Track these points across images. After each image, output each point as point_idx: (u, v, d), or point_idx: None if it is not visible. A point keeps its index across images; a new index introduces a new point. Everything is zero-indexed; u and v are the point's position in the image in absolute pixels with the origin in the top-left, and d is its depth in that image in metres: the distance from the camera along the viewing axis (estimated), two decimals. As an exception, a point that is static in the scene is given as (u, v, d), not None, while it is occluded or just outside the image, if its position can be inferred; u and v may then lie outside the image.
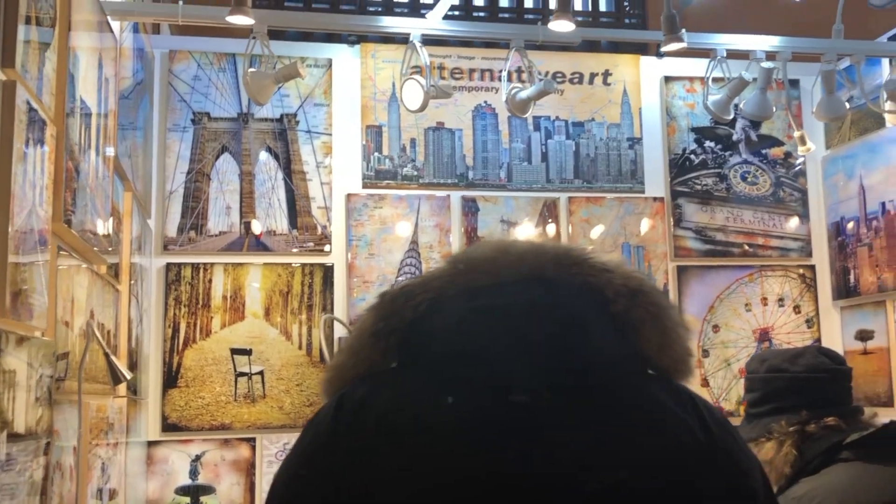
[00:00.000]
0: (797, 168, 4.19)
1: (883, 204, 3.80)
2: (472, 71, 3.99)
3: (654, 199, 4.08)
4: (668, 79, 4.15)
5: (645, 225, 4.05)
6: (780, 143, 4.20)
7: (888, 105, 3.05)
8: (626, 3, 6.23)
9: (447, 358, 0.88)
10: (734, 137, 4.16)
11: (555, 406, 0.85)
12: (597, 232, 4.01)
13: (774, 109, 3.14)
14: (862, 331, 3.96)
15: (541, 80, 2.81)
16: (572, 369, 0.87)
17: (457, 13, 5.01)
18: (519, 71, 3.79)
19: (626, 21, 6.20)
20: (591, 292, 0.94)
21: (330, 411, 0.89)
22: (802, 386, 1.79)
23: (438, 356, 0.89)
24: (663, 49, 2.63)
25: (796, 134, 3.28)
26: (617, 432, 0.86)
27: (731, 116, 2.99)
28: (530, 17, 5.44)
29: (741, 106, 3.11)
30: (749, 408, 1.89)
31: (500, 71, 3.75)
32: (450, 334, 0.89)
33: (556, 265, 0.95)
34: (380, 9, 5.59)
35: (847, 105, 3.04)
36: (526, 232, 3.95)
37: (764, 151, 4.19)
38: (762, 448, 1.79)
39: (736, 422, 1.18)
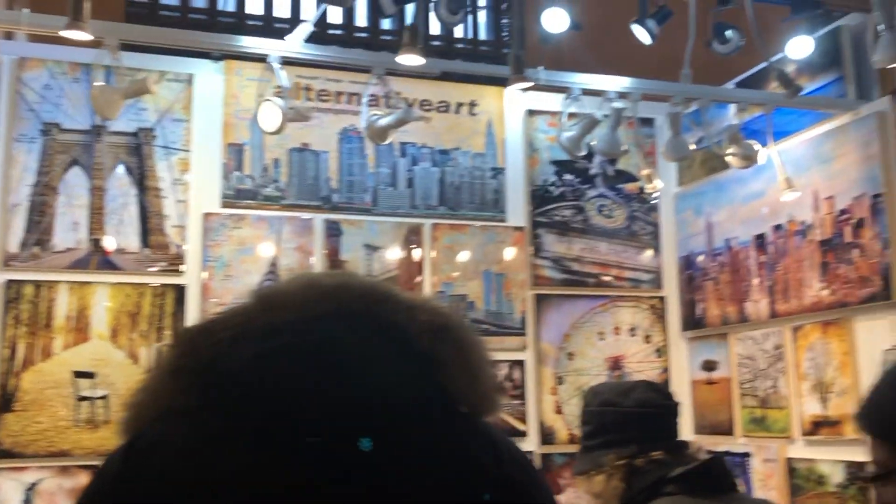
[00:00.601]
0: (651, 203, 4.37)
1: (727, 240, 4.00)
2: (339, 94, 3.97)
3: (515, 228, 4.16)
4: (531, 112, 4.26)
5: (506, 253, 4.13)
6: (635, 179, 4.36)
7: (730, 149, 3.22)
8: (505, 34, 6.36)
9: (242, 400, 0.86)
10: (592, 171, 4.30)
11: (349, 448, 0.84)
12: (460, 258, 4.05)
13: (625, 147, 3.26)
14: (707, 361, 4.15)
15: (401, 108, 2.82)
16: (369, 410, 0.86)
17: (314, 31, 4.97)
18: (387, 96, 3.81)
19: (505, 51, 6.33)
20: (395, 330, 0.94)
21: (120, 454, 0.86)
22: (632, 420, 1.85)
23: (234, 398, 0.87)
24: (508, 87, 2.69)
25: (644, 172, 3.43)
26: (409, 473, 0.86)
27: (584, 153, 3.09)
28: (387, 38, 5.46)
29: (592, 143, 3.21)
30: (583, 440, 1.94)
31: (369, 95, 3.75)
32: (246, 375, 0.87)
33: (362, 302, 0.94)
34: (259, 22, 5.51)
35: (692, 146, 3.19)
36: (392, 256, 3.95)
37: (620, 186, 4.35)
38: (593, 481, 1.84)
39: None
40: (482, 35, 6.25)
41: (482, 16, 5.71)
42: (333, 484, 0.81)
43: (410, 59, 2.38)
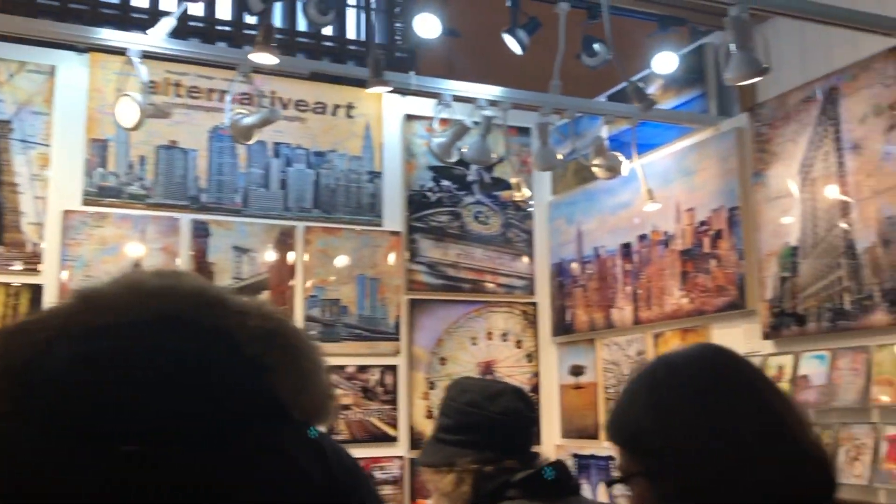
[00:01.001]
0: (526, 211, 4.44)
1: (596, 249, 4.10)
2: (210, 91, 3.87)
3: (392, 232, 4.15)
4: (409, 117, 4.26)
5: (381, 258, 4.11)
6: (510, 187, 4.42)
7: (596, 160, 3.30)
8: (397, 38, 6.31)
9: (56, 406, 0.81)
10: (469, 178, 4.33)
11: (167, 456, 0.80)
12: (334, 262, 4.01)
13: (496, 155, 3.29)
14: (575, 366, 4.24)
15: (265, 107, 2.77)
16: (189, 418, 0.83)
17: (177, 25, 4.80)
18: (257, 95, 3.74)
19: (397, 55, 6.30)
20: (223, 335, 0.91)
21: None
22: (496, 428, 1.85)
23: (47, 403, 0.82)
24: (368, 90, 2.68)
25: (513, 180, 3.47)
26: (227, 482, 0.83)
27: (455, 159, 3.11)
28: (251, 32, 5.32)
29: (464, 150, 3.24)
30: (438, 431, 1.92)
31: (240, 94, 3.67)
32: (61, 379, 0.83)
33: (189, 305, 0.91)
34: (117, 12, 5.28)
35: (560, 156, 3.25)
36: (262, 259, 3.87)
37: (496, 193, 4.40)
38: (443, 478, 1.83)
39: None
40: (353, 35, 6.20)
41: (354, 15, 5.65)
42: (146, 493, 0.78)
43: (264, 58, 2.33)
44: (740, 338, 3.32)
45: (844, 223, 2.88)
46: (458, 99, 3.26)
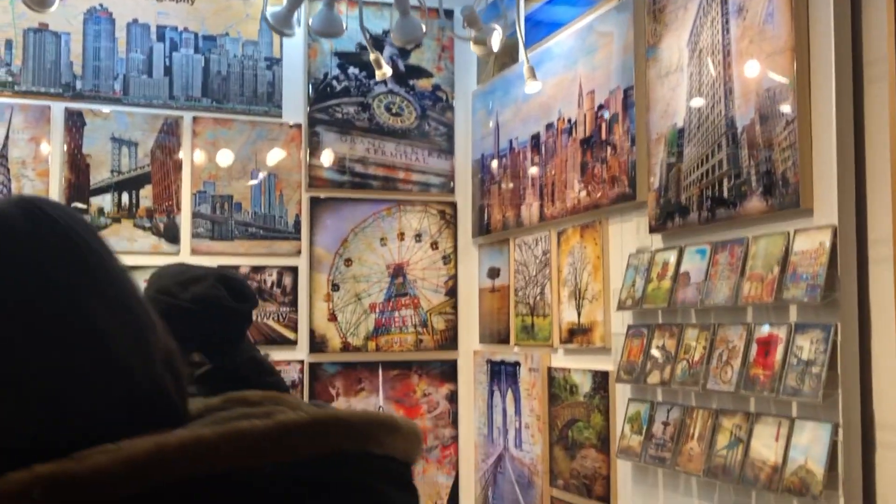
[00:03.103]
0: (446, 102, 4.10)
1: (511, 141, 3.77)
2: (83, -31, 3.58)
3: (291, 125, 3.87)
4: (311, -3, 3.92)
5: (279, 152, 3.84)
6: (429, 75, 4.09)
7: (468, 32, 2.95)
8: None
9: None
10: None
11: None
12: (226, 156, 3.75)
13: (345, 27, 2.96)
14: (491, 268, 3.96)
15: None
16: None
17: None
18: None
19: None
20: None
21: None
22: (184, 316, 1.60)
23: None
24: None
25: (371, 57, 3.13)
26: None
27: (292, 32, 2.78)
28: None
29: (312, 23, 2.90)
30: None
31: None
32: None
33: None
34: None
35: (423, 28, 2.90)
36: (145, 152, 3.63)
37: (412, 82, 4.07)
38: None
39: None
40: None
41: None
42: None
43: None
44: (632, 233, 3.01)
45: (726, 99, 2.51)
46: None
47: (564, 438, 3.32)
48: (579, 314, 3.26)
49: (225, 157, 3.75)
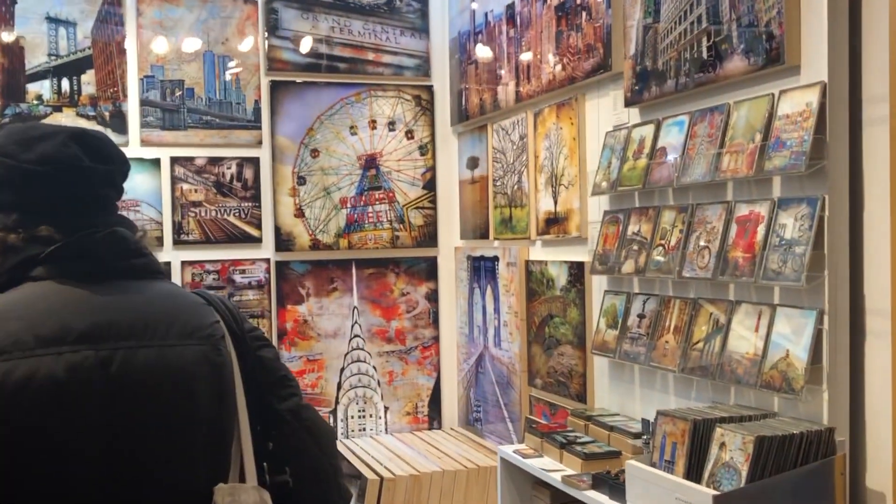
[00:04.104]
0: (419, -25, 3.74)
1: (486, 14, 3.42)
2: None
3: (246, 1, 3.53)
4: None
5: (234, 31, 3.52)
6: (399, -55, 3.72)
7: None
8: None
9: None
10: (343, -66, 3.64)
11: None
12: (174, 36, 3.44)
13: None
14: (471, 158, 3.67)
15: None
16: None
17: None
18: None
19: None
20: None
21: None
22: (29, 181, 1.32)
23: None
24: None
25: None
26: None
27: None
28: None
29: None
30: None
31: None
32: None
33: None
34: None
35: None
36: (84, 33, 3.33)
37: (380, -47, 3.70)
38: None
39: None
40: None
41: None
42: None
43: None
44: (609, 109, 2.69)
45: (709, -59, 2.16)
46: None
47: (541, 335, 3.09)
48: (555, 202, 2.97)
49: (174, 38, 3.44)
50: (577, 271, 2.86)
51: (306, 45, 3.60)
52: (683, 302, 2.30)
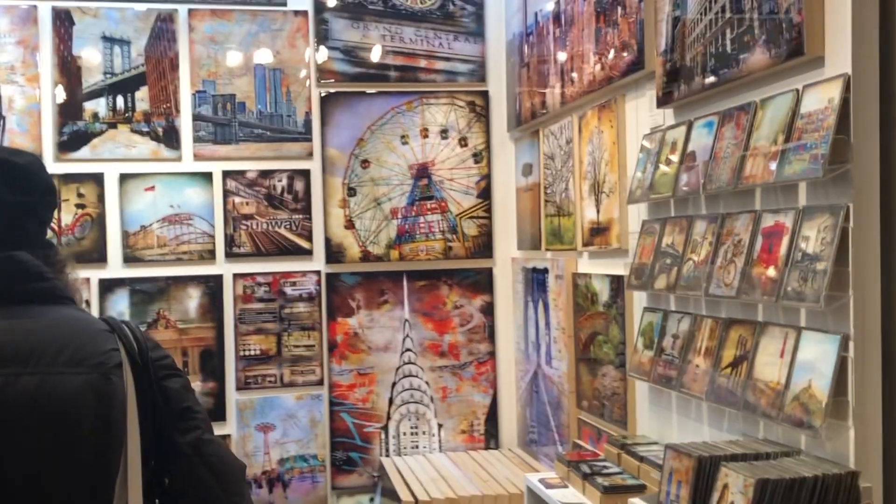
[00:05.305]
0: (473, -22, 3.62)
1: (535, 15, 3.27)
2: None
3: (296, 13, 3.51)
4: None
5: (284, 44, 3.50)
6: (452, -52, 3.61)
7: None
8: None
9: None
10: (392, -60, 3.56)
11: None
12: (225, 51, 3.46)
13: None
14: (525, 165, 3.51)
15: None
16: None
17: None
18: None
19: None
20: None
21: None
22: None
23: None
24: None
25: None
26: None
27: None
28: None
29: None
30: None
31: None
32: None
33: None
34: None
35: None
36: (138, 51, 3.39)
37: (432, -43, 3.60)
38: None
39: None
40: None
41: None
42: None
43: None
44: (646, 109, 2.49)
45: (732, -78, 1.95)
46: None
47: (588, 354, 2.90)
48: (598, 211, 2.79)
49: (225, 53, 3.46)
50: (617, 286, 2.66)
51: (376, 53, 3.53)
52: (714, 322, 2.08)
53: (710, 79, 2.06)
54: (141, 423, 1.22)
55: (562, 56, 3.01)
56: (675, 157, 2.23)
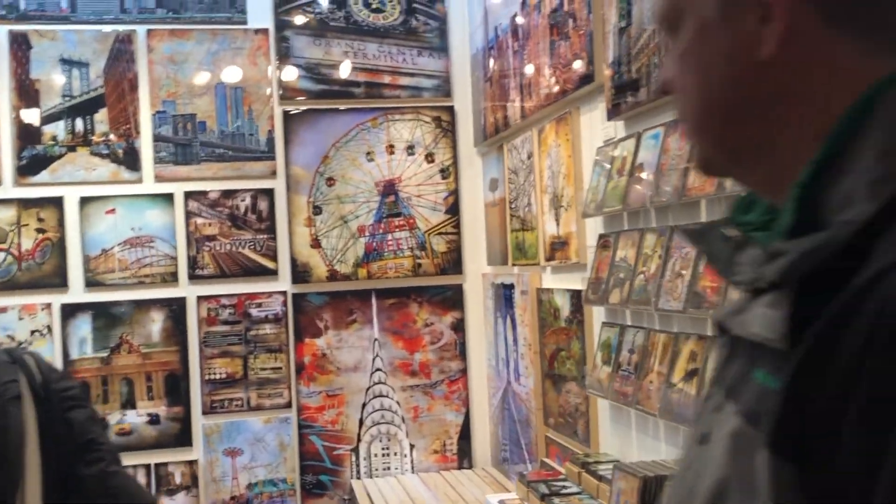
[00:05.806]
0: (435, -8, 3.59)
1: (495, 29, 3.24)
2: None
3: (256, 31, 3.48)
4: None
5: (245, 62, 3.47)
6: (414, -37, 3.58)
7: None
8: None
9: None
10: (353, -44, 3.53)
11: None
12: (185, 71, 3.42)
13: None
14: (492, 179, 3.47)
15: None
16: None
17: None
18: None
19: None
20: None
21: None
22: None
23: None
24: None
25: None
26: None
27: None
28: None
29: None
30: None
31: None
32: None
33: None
34: None
35: None
36: (97, 73, 3.36)
37: (394, -27, 3.58)
38: None
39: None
40: None
41: None
42: None
43: None
44: (599, 121, 2.46)
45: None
46: None
47: (552, 370, 2.85)
48: (558, 225, 2.74)
49: (185, 72, 3.42)
50: (577, 301, 2.62)
51: (345, 70, 3.50)
52: (667, 337, 2.04)
53: (654, 89, 2.02)
54: (43, 456, 1.18)
55: (521, 70, 2.97)
56: (625, 170, 2.19)
